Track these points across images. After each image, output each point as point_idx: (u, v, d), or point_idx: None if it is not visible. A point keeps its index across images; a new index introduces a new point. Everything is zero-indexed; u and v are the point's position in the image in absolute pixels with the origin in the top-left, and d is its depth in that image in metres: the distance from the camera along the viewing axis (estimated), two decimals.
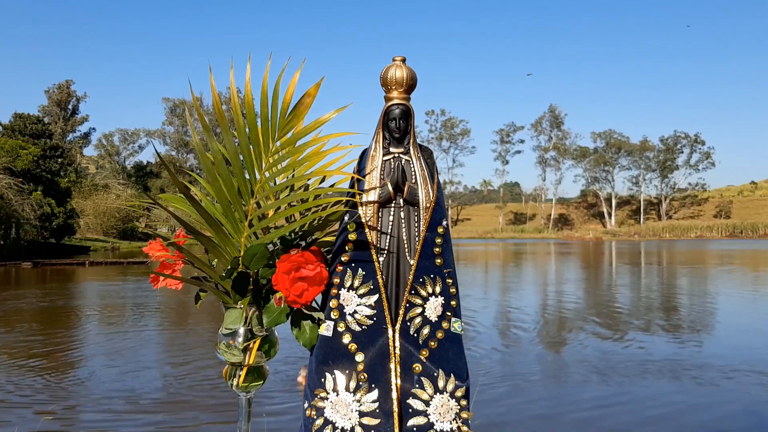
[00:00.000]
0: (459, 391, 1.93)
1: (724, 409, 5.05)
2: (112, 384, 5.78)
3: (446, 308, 1.97)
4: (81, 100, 60.08)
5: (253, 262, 1.82)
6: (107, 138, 69.48)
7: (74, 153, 56.06)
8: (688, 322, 9.53)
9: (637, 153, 77.64)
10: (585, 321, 9.53)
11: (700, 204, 78.59)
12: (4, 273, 20.86)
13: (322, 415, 1.91)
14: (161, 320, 10.29)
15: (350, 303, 1.93)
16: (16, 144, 32.76)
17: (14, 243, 27.82)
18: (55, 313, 10.92)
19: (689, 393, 5.54)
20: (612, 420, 4.75)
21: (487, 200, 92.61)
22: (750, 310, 11.14)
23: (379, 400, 1.87)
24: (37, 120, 40.35)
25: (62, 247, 33.20)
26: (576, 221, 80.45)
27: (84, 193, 45.46)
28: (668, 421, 4.71)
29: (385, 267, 1.96)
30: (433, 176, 2.04)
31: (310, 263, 1.81)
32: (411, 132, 2.03)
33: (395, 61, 2.01)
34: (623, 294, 13.78)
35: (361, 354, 1.90)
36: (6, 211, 27.27)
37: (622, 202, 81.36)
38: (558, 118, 78.44)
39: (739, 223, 63.34)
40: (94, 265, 24.46)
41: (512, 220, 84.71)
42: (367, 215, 1.96)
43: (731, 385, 5.75)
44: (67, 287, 16.30)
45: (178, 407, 5.05)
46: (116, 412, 4.91)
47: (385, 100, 2.02)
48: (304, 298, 1.82)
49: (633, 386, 5.71)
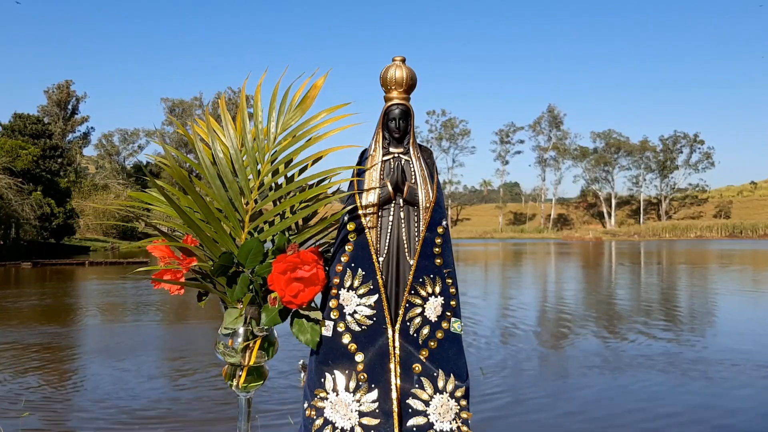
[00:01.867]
0: (459, 391, 1.93)
1: (733, 403, 5.12)
2: (106, 388, 5.77)
3: (446, 308, 1.97)
4: (81, 100, 60.14)
5: (249, 259, 1.81)
6: (107, 138, 69.50)
7: (74, 153, 56.04)
8: (689, 319, 9.53)
9: (637, 153, 77.64)
10: (585, 319, 9.52)
11: (700, 204, 78.59)
12: (4, 273, 20.85)
13: (321, 415, 1.91)
14: (161, 320, 10.29)
15: (350, 303, 1.93)
16: (15, 144, 32.74)
17: (14, 243, 27.80)
18: (54, 313, 10.92)
19: (691, 387, 5.57)
20: (615, 417, 4.75)
21: (486, 200, 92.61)
22: (751, 308, 11.15)
23: (379, 400, 1.87)
24: (37, 120, 40.33)
25: (62, 247, 33.18)
26: (576, 221, 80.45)
27: (84, 193, 45.45)
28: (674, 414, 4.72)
29: (385, 267, 1.96)
30: (433, 176, 2.04)
31: (306, 264, 1.80)
32: (411, 132, 2.03)
33: (395, 61, 2.01)
34: (623, 293, 13.79)
35: (360, 354, 1.90)
36: (6, 211, 27.27)
37: (622, 202, 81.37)
38: (557, 118, 78.43)
39: (739, 223, 63.32)
40: (93, 265, 24.45)
41: (512, 220, 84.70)
42: (367, 215, 1.96)
43: (741, 378, 5.84)
44: (67, 287, 16.29)
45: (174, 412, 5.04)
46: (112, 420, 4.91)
47: (384, 100, 2.02)
48: (300, 299, 1.81)
49: (635, 381, 5.73)
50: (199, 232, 1.80)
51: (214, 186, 1.90)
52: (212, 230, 1.84)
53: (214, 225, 1.83)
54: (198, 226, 1.79)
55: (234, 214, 1.90)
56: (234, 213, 1.90)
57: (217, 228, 1.84)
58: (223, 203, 1.89)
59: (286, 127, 1.98)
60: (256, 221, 1.92)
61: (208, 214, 1.82)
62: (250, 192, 1.92)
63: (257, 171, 1.95)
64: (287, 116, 1.98)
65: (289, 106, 1.98)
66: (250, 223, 1.91)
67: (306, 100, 1.98)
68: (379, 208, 1.97)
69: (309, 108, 1.98)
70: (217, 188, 1.90)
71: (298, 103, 1.99)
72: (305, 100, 1.98)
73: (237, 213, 1.91)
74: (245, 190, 1.92)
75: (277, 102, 1.97)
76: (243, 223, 1.91)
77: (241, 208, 1.91)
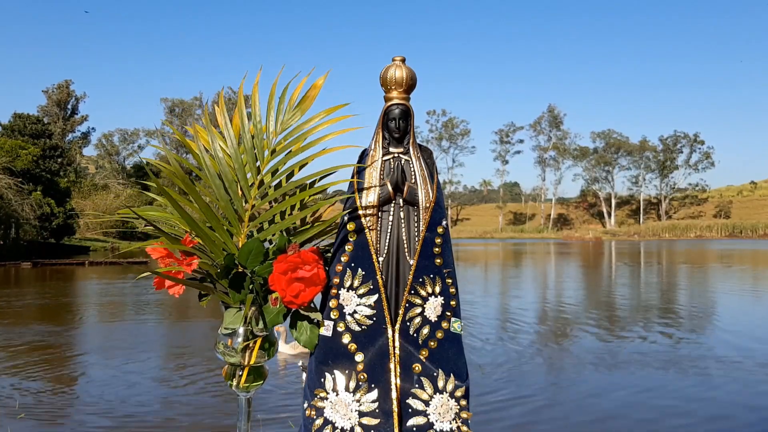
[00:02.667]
0: (459, 390, 1.93)
1: (729, 398, 5.16)
2: (106, 388, 5.77)
3: (446, 308, 1.97)
4: (80, 100, 60.04)
5: (250, 260, 1.81)
6: (107, 138, 69.50)
7: (74, 153, 55.99)
8: (688, 317, 9.53)
9: (637, 153, 77.63)
10: (585, 317, 9.52)
11: (699, 204, 78.56)
12: (4, 273, 20.84)
13: (321, 415, 1.91)
14: (161, 319, 10.29)
15: (350, 303, 1.93)
16: (15, 144, 32.73)
17: (14, 243, 27.80)
18: (54, 313, 10.92)
19: (692, 383, 5.61)
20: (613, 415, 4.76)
21: (486, 200, 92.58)
22: (751, 306, 11.15)
23: (379, 400, 1.87)
24: (37, 120, 40.32)
25: (62, 247, 33.18)
26: (575, 221, 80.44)
27: (83, 193, 45.43)
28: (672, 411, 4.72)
29: (385, 267, 1.96)
30: (433, 176, 2.03)
31: (307, 264, 1.80)
32: (411, 132, 2.03)
33: (395, 61, 2.01)
34: (623, 291, 13.79)
35: (360, 354, 1.90)
36: (6, 211, 27.26)
37: (622, 202, 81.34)
38: (557, 118, 78.41)
39: (739, 223, 63.32)
40: (93, 265, 24.44)
41: (512, 220, 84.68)
42: (367, 215, 1.96)
43: (738, 374, 5.87)
44: (66, 287, 16.28)
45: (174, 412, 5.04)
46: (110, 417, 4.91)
47: (384, 100, 2.02)
48: (301, 299, 1.81)
49: (635, 378, 5.74)
50: (200, 232, 1.80)
51: (214, 186, 1.90)
52: (212, 230, 1.84)
53: (213, 225, 1.83)
54: (199, 227, 1.79)
55: (234, 214, 1.90)
56: (234, 214, 1.90)
57: (217, 228, 1.83)
58: (223, 203, 1.89)
59: (285, 127, 1.98)
60: (256, 221, 1.92)
61: (209, 215, 1.81)
62: (249, 192, 1.92)
63: (257, 169, 1.95)
64: (286, 116, 1.97)
65: (287, 105, 1.98)
66: (250, 224, 1.91)
67: (305, 101, 1.98)
68: (379, 208, 1.97)
69: (309, 108, 1.98)
70: (217, 188, 1.90)
71: (297, 103, 1.98)
72: (305, 100, 1.98)
73: (236, 213, 1.91)
74: (245, 190, 1.92)
75: (275, 101, 1.97)
76: (243, 224, 1.91)
77: (240, 209, 1.91)
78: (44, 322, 9.75)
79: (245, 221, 1.91)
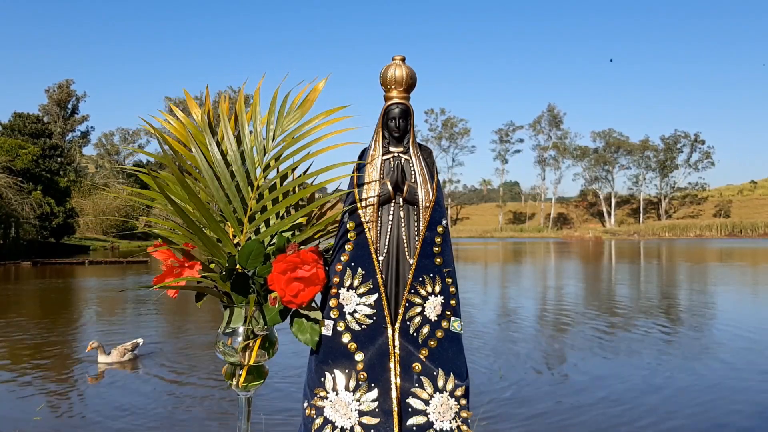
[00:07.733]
0: (458, 390, 1.93)
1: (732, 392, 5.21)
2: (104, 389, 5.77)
3: (446, 307, 1.97)
4: (81, 100, 60.04)
5: (249, 261, 1.81)
6: (107, 137, 69.51)
7: (74, 152, 56.02)
8: (688, 314, 9.54)
9: (637, 152, 77.62)
10: (585, 315, 9.53)
11: (699, 203, 78.59)
12: (4, 272, 20.84)
13: (321, 414, 1.91)
14: (161, 319, 10.29)
15: (350, 302, 1.93)
16: (15, 143, 32.72)
17: (14, 242, 27.78)
18: (54, 312, 10.92)
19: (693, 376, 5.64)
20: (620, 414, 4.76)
21: (486, 199, 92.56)
22: (751, 303, 11.18)
23: (379, 400, 1.87)
24: (37, 119, 40.34)
25: (62, 246, 33.17)
26: (575, 220, 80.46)
27: (83, 193, 45.42)
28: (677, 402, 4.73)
29: (385, 266, 1.96)
30: (433, 175, 2.03)
31: (306, 263, 1.80)
32: (410, 131, 2.03)
33: (395, 61, 2.01)
34: (623, 290, 13.79)
35: (360, 353, 1.90)
36: (5, 211, 27.25)
37: (622, 202, 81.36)
38: (557, 118, 78.40)
39: (739, 222, 63.30)
40: (93, 264, 24.44)
41: (512, 219, 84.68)
42: (367, 214, 1.96)
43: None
44: (66, 286, 16.28)
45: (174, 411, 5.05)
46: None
47: (384, 100, 2.02)
48: (300, 299, 1.81)
49: (635, 372, 5.75)
50: (198, 232, 1.80)
51: (213, 186, 1.90)
52: (210, 231, 1.84)
53: (212, 225, 1.82)
54: (197, 227, 1.79)
55: (233, 215, 1.89)
56: (233, 214, 1.90)
57: (216, 228, 1.83)
58: (222, 203, 1.89)
59: (285, 129, 1.98)
60: (256, 221, 1.92)
61: (207, 215, 1.81)
62: (249, 192, 1.91)
63: (256, 169, 1.95)
64: (287, 118, 1.97)
65: (289, 108, 1.98)
66: (249, 224, 1.91)
67: (306, 103, 1.98)
68: (378, 208, 1.97)
69: (308, 110, 1.98)
70: (216, 188, 1.90)
71: (298, 106, 1.98)
72: (305, 103, 1.98)
73: (235, 214, 1.91)
74: (244, 190, 1.92)
75: (277, 105, 1.97)
76: (242, 225, 1.91)
77: (239, 209, 1.91)
78: (44, 321, 9.74)
79: (245, 222, 1.91)
